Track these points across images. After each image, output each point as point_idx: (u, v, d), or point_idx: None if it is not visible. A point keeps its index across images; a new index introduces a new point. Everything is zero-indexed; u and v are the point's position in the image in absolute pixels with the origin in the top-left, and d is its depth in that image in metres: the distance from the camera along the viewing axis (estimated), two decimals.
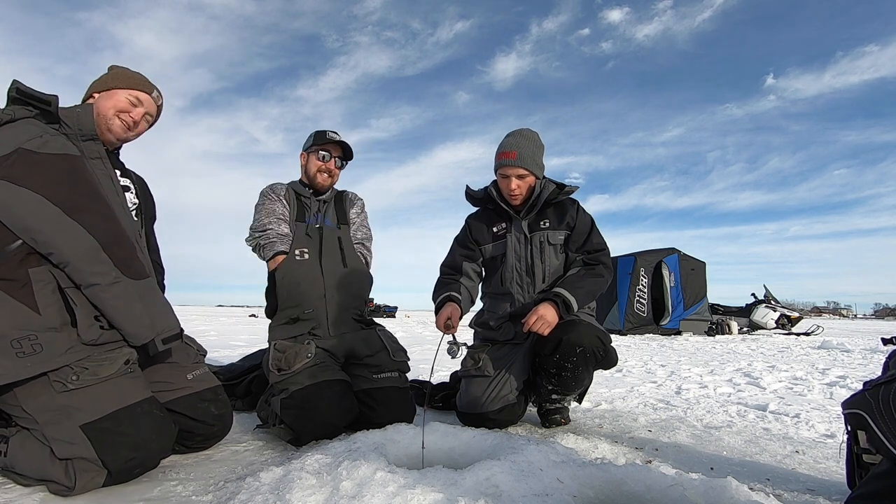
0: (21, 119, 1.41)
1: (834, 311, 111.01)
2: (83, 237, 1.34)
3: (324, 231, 2.13)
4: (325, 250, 2.11)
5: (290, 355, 1.89)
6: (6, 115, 1.40)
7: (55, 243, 1.32)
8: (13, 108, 1.43)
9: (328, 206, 2.25)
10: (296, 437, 1.78)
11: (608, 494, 1.22)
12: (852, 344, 8.16)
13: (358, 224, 2.30)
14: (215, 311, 32.58)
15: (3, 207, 1.30)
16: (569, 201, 2.16)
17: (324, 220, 2.19)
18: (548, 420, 2.13)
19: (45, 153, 1.36)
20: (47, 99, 1.46)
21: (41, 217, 1.31)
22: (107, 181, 1.54)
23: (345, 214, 2.27)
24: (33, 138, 1.36)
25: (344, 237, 2.19)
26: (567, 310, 1.90)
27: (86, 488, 1.28)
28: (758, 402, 2.83)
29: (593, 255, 2.09)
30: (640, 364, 4.84)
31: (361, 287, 2.21)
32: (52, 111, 1.46)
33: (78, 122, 1.50)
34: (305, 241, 2.10)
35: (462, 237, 2.29)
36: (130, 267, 1.42)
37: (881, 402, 0.96)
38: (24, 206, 1.30)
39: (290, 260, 2.05)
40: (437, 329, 2.02)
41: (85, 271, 1.34)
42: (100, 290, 1.35)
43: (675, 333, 10.97)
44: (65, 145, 1.42)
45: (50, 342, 1.29)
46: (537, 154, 2.09)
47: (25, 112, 1.44)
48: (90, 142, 1.53)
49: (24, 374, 1.25)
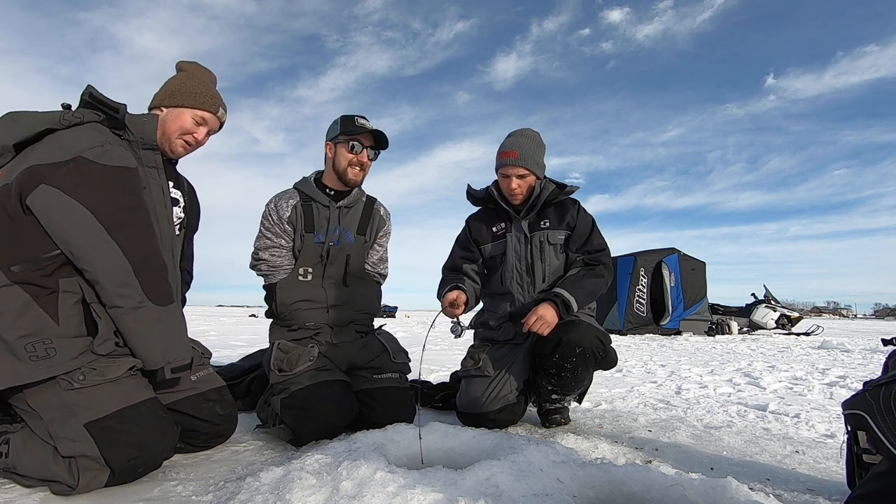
0: (88, 122, 1.46)
1: (834, 311, 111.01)
2: (117, 257, 1.36)
3: (332, 252, 2.02)
4: (329, 272, 2.03)
5: (292, 357, 1.88)
6: (76, 117, 1.44)
7: (90, 259, 1.34)
8: (83, 111, 1.48)
9: (351, 213, 2.10)
10: (296, 437, 1.78)
11: (608, 494, 1.22)
12: (852, 344, 8.16)
13: (380, 251, 2.20)
14: (215, 311, 32.58)
15: (49, 216, 1.33)
16: (569, 201, 2.16)
17: (343, 233, 2.06)
18: (548, 420, 2.13)
19: (102, 164, 1.39)
20: (116, 106, 1.51)
21: (83, 232, 1.34)
22: (158, 192, 1.58)
23: (366, 228, 2.12)
24: (94, 147, 1.40)
25: (355, 254, 2.07)
26: (567, 310, 1.90)
27: (88, 487, 1.28)
28: (758, 402, 2.83)
29: (594, 255, 2.09)
30: (640, 364, 4.84)
31: (367, 303, 2.14)
32: (118, 118, 1.51)
33: (141, 131, 1.54)
34: (311, 259, 2.02)
35: (462, 238, 2.30)
36: (158, 291, 1.43)
37: (881, 402, 0.96)
38: (69, 218, 1.33)
39: (292, 279, 2.01)
40: (443, 313, 2.02)
41: (112, 293, 1.36)
42: (122, 313, 1.38)
43: (675, 333, 10.97)
44: (122, 156, 1.45)
45: (63, 347, 1.32)
46: (538, 154, 2.09)
47: (94, 116, 1.49)
48: (149, 151, 1.57)
49: (35, 376, 1.27)
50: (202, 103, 1.66)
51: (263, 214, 2.07)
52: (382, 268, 2.23)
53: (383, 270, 2.24)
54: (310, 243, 2.02)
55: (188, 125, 1.65)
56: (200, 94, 1.66)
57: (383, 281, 2.27)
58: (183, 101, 1.64)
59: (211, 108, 1.68)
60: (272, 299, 2.04)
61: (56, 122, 1.41)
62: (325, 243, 2.02)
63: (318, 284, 2.04)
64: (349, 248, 2.07)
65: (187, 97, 1.65)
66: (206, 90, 1.69)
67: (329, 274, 2.04)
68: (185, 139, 1.66)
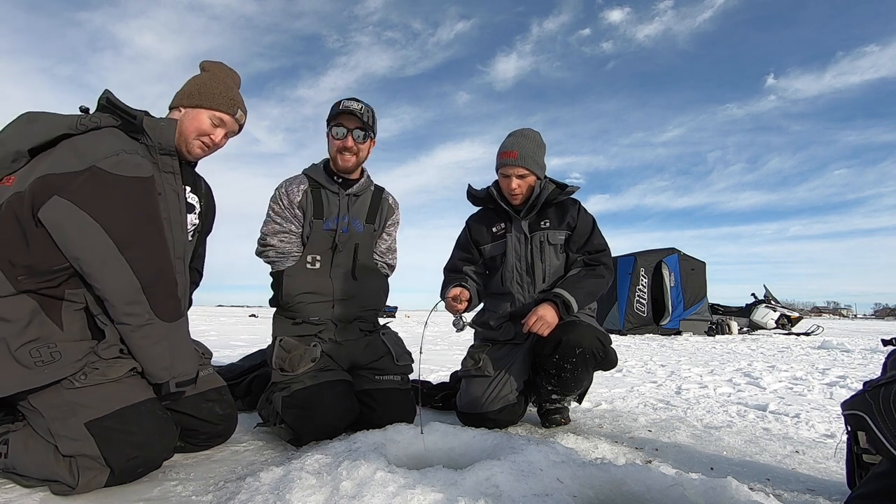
0: (105, 127, 1.44)
1: (834, 311, 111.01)
2: (127, 276, 1.35)
3: (341, 240, 2.00)
4: (338, 261, 2.01)
5: (294, 357, 1.87)
6: (92, 121, 1.42)
7: (100, 277, 1.34)
8: (100, 116, 1.46)
9: (359, 201, 2.07)
10: (296, 436, 1.77)
11: (608, 494, 1.22)
12: (852, 344, 8.16)
13: (389, 240, 2.19)
14: (215, 311, 32.58)
15: (60, 231, 1.31)
16: (570, 201, 2.15)
17: (352, 221, 2.03)
18: (548, 420, 2.13)
19: (116, 174, 1.37)
20: (133, 113, 1.49)
21: (94, 248, 1.32)
22: (173, 198, 1.56)
23: (375, 216, 2.11)
24: (109, 156, 1.37)
25: (364, 243, 2.05)
26: (567, 310, 1.90)
27: (88, 487, 1.28)
28: (758, 402, 2.83)
29: (594, 255, 2.09)
30: (640, 364, 4.84)
31: (374, 299, 2.12)
32: (136, 124, 1.49)
33: (160, 136, 1.51)
34: (320, 246, 1.99)
35: (462, 239, 2.30)
36: (166, 308, 1.43)
37: (881, 403, 0.96)
38: (80, 233, 1.31)
39: (299, 267, 1.98)
40: (446, 307, 2.02)
41: (120, 311, 1.36)
42: (129, 330, 1.38)
43: (675, 333, 10.97)
44: (137, 165, 1.42)
45: (68, 350, 1.33)
46: (538, 154, 2.08)
47: (111, 121, 1.47)
48: (167, 156, 1.55)
49: (41, 381, 1.27)
50: (219, 104, 1.63)
51: (273, 198, 2.02)
52: (391, 258, 2.22)
53: (391, 260, 2.22)
54: (319, 230, 1.98)
55: (205, 126, 1.62)
56: (219, 95, 1.64)
57: (391, 272, 2.25)
58: (201, 101, 1.62)
59: (229, 110, 1.65)
60: (279, 287, 1.99)
61: (73, 127, 1.40)
62: (336, 230, 1.99)
63: (326, 274, 2.00)
64: (358, 236, 2.04)
65: (206, 98, 1.62)
66: (227, 91, 1.66)
67: (337, 262, 2.01)
68: (202, 140, 1.64)
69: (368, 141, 2.02)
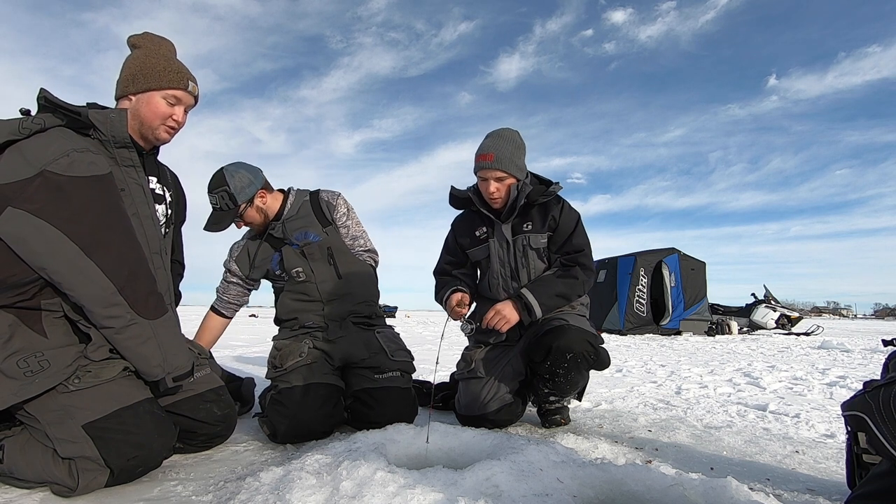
0: (51, 128, 1.36)
1: (834, 311, 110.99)
2: (100, 280, 1.29)
3: (308, 249, 2.06)
4: (318, 267, 2.07)
5: (284, 353, 1.97)
6: (36, 123, 1.34)
7: (72, 286, 1.28)
8: (43, 117, 1.37)
9: (298, 220, 2.09)
10: (272, 433, 1.82)
11: (608, 494, 1.22)
12: (852, 344, 8.16)
13: (350, 227, 2.18)
14: None
15: (22, 244, 1.24)
16: (553, 201, 2.08)
17: (307, 236, 2.08)
18: (548, 420, 2.12)
19: (69, 176, 1.29)
20: (76, 109, 1.39)
21: (59, 257, 1.26)
22: (138, 192, 1.48)
23: (322, 217, 2.13)
24: (59, 157, 1.29)
25: (334, 244, 2.10)
26: (529, 313, 1.91)
27: (88, 488, 1.28)
28: (758, 402, 2.83)
29: (571, 256, 2.04)
30: (640, 364, 4.83)
31: (363, 290, 2.16)
32: (82, 119, 1.39)
33: (112, 129, 1.42)
34: (296, 261, 2.07)
35: (450, 242, 2.28)
36: (147, 305, 1.38)
37: (881, 404, 0.96)
38: (42, 243, 1.25)
39: (289, 282, 2.10)
40: (450, 316, 2.02)
41: (100, 315, 1.32)
42: (114, 333, 1.34)
43: (675, 333, 10.97)
44: (92, 163, 1.34)
45: (56, 357, 1.31)
46: (516, 155, 2.00)
47: (55, 120, 1.38)
48: (124, 149, 1.46)
49: (33, 391, 1.26)
50: (169, 81, 1.51)
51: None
52: (362, 243, 2.21)
53: (366, 246, 2.22)
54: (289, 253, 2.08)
55: (163, 109, 1.52)
56: (164, 72, 1.51)
57: (376, 257, 2.27)
58: (148, 83, 1.50)
59: (180, 85, 1.53)
60: (275, 305, 2.17)
61: (16, 132, 1.30)
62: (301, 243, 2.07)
63: (311, 279, 2.08)
64: (325, 241, 2.10)
65: (152, 79, 1.50)
66: (170, 65, 1.53)
67: (318, 269, 2.08)
68: (167, 125, 1.55)
69: (246, 207, 1.99)
